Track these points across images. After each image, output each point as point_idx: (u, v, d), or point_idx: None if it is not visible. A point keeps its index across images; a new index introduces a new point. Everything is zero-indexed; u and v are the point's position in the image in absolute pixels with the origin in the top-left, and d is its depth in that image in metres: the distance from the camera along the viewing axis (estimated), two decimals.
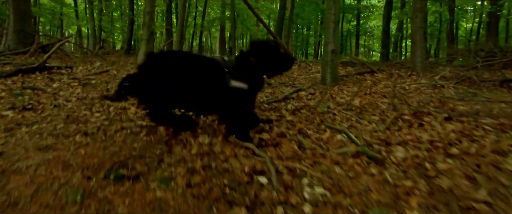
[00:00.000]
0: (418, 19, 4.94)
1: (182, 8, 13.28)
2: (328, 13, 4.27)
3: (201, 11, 23.33)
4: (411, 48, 5.31)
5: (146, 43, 7.01)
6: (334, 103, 2.86)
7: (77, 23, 21.18)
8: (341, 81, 4.48)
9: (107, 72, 4.92)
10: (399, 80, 4.47)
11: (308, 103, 2.93)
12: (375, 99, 3.00)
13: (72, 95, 2.98)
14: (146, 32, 6.98)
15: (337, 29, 4.32)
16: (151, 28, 6.96)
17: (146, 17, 6.93)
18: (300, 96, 3.36)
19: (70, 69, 4.95)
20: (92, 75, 4.49)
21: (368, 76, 4.96)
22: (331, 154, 1.62)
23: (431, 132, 1.87)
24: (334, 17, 4.24)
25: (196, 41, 26.87)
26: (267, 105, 2.84)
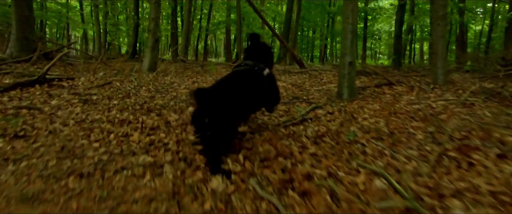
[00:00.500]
0: (440, 27, 4.62)
1: (187, 12, 13.09)
2: (345, 23, 3.98)
3: (206, 14, 23.14)
4: (431, 59, 4.99)
5: (151, 51, 6.79)
6: (358, 128, 2.56)
7: (82, 26, 21.09)
8: (359, 95, 4.17)
9: (110, 84, 4.68)
10: (421, 94, 4.15)
11: (330, 127, 2.64)
12: (403, 123, 2.69)
13: (70, 117, 2.73)
14: (151, 39, 6.76)
15: (355, 39, 4.03)
16: (156, 35, 6.74)
17: (151, 23, 6.71)
18: (318, 116, 3.07)
19: (71, 80, 4.72)
20: (94, 88, 4.25)
21: (386, 89, 4.65)
22: (373, 211, 1.33)
23: (487, 177, 1.57)
24: (352, 27, 3.94)
25: (201, 44, 26.71)
26: (284, 130, 2.56)
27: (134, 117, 2.77)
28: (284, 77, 6.78)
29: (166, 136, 2.35)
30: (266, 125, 2.67)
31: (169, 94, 4.24)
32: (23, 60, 6.85)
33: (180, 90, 4.63)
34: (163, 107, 3.30)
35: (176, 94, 4.24)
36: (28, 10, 7.08)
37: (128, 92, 4.07)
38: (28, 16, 7.06)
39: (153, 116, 2.90)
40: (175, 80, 5.88)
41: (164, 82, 5.44)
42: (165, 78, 6.04)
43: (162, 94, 4.20)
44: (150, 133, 2.40)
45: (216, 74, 6.92)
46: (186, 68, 8.19)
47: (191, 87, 5.10)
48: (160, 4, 6.65)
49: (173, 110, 3.21)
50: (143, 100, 3.50)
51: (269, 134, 2.40)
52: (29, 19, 7.10)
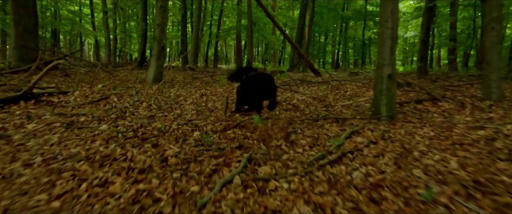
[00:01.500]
0: (495, 32, 3.85)
1: (197, 18, 12.61)
2: (384, 27, 3.28)
3: (217, 20, 22.76)
4: (483, 69, 4.22)
5: (156, 59, 6.22)
6: (423, 172, 1.85)
7: (93, 34, 20.99)
8: (399, 115, 3.45)
9: (107, 99, 4.10)
10: (478, 114, 3.39)
11: (382, 167, 1.94)
12: (482, 162, 1.97)
13: (40, 151, 2.12)
14: (157, 47, 6.20)
15: (395, 47, 3.32)
16: (162, 43, 6.17)
17: (157, 30, 6.16)
18: (359, 147, 2.37)
19: (63, 95, 4.17)
20: (86, 106, 3.67)
21: (430, 106, 3.90)
22: None
23: None
24: (392, 32, 3.24)
25: (212, 51, 26.32)
26: (320, 173, 1.87)
27: (122, 151, 2.14)
28: (302, 88, 6.09)
29: (160, 183, 1.70)
30: (295, 166, 1.99)
31: (173, 112, 3.62)
32: (22, 70, 6.41)
33: (186, 107, 4.01)
34: (163, 133, 2.67)
35: (180, 113, 3.62)
36: (29, 17, 6.65)
37: (124, 110, 3.47)
38: (28, 23, 6.63)
39: (148, 147, 2.26)
40: (182, 93, 5.27)
41: (169, 96, 4.83)
42: (170, 91, 5.44)
43: (164, 112, 3.58)
44: (138, 178, 1.76)
45: (226, 85, 6.29)
46: (194, 77, 7.60)
47: (199, 102, 4.48)
48: (166, 10, 6.11)
49: (175, 137, 2.57)
50: (139, 123, 2.88)
51: (300, 184, 1.72)
52: (29, 27, 6.67)
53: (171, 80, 7.19)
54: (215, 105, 4.26)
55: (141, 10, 12.91)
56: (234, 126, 3.03)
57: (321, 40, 31.08)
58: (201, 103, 4.40)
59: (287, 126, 3.02)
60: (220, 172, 1.90)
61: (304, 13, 14.91)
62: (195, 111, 3.78)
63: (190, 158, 2.09)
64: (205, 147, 2.36)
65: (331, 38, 31.02)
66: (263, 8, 10.29)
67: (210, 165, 1.99)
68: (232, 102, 4.33)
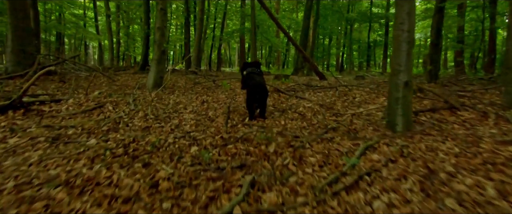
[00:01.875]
0: None
1: (199, 22, 12.42)
2: (399, 30, 3.01)
3: (220, 23, 22.59)
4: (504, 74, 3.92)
5: (156, 64, 6.00)
6: (458, 203, 1.57)
7: (96, 37, 20.93)
8: (417, 126, 3.16)
9: (101, 108, 3.87)
10: (504, 125, 3.09)
11: (407, 195, 1.66)
12: None
13: (15, 172, 1.88)
14: (157, 52, 5.98)
15: (412, 52, 3.04)
16: (163, 47, 5.95)
17: (157, 33, 5.94)
18: (376, 166, 2.09)
19: (56, 103, 3.95)
20: (78, 115, 3.44)
21: (447, 115, 3.60)
22: None
23: None
24: (409, 35, 2.97)
25: (215, 54, 26.17)
26: (334, 203, 1.60)
27: (108, 173, 1.89)
28: (309, 94, 5.81)
29: None
30: (304, 193, 1.72)
31: (170, 122, 3.37)
32: (19, 76, 6.23)
33: (185, 116, 3.76)
34: (157, 148, 2.41)
35: (179, 123, 3.37)
36: (26, 21, 6.48)
37: (118, 121, 3.23)
38: (26, 27, 6.46)
39: (137, 168, 2.01)
40: (182, 99, 5.03)
41: (168, 103, 4.59)
42: (170, 97, 5.20)
43: (161, 123, 3.33)
44: (121, 209, 1.50)
45: (229, 91, 6.04)
46: (196, 82, 7.37)
47: (199, 110, 4.23)
48: (166, 13, 5.89)
49: (169, 153, 2.32)
50: (132, 137, 2.63)
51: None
52: (27, 30, 6.50)
53: (172, 86, 6.96)
54: (216, 114, 4.01)
55: (144, 13, 12.77)
56: (236, 139, 2.77)
57: (325, 42, 30.78)
58: (202, 111, 4.15)
59: (294, 140, 2.75)
60: (218, 200, 1.64)
61: (308, 15, 14.66)
62: (195, 120, 3.53)
63: (185, 182, 1.83)
64: (203, 166, 2.10)
65: (335, 41, 30.72)
66: (266, 10, 10.06)
67: (207, 190, 1.72)
68: (234, 109, 4.08)
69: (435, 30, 8.22)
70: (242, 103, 4.85)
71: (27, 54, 6.53)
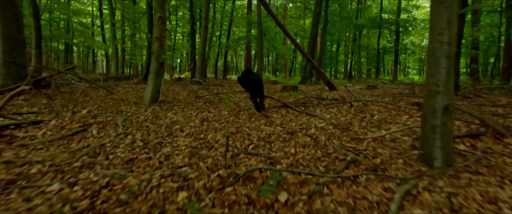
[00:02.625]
0: None
1: (204, 29, 12.03)
2: (436, 41, 2.47)
3: (226, 30, 22.29)
4: None
5: (154, 77, 5.54)
6: None
7: (101, 46, 20.82)
8: (459, 160, 2.58)
9: (85, 131, 3.39)
10: None
11: None
12: None
13: None
14: (155, 63, 5.53)
15: (453, 69, 2.49)
16: (161, 58, 5.50)
17: (155, 44, 5.50)
18: None
19: (35, 125, 3.49)
20: (56, 142, 2.96)
21: (492, 143, 3.00)
22: None
23: None
24: (449, 49, 2.42)
25: (221, 61, 25.84)
26: None
27: None
28: (320, 110, 5.25)
29: None
30: None
31: (161, 151, 2.86)
32: (8, 90, 5.84)
33: (179, 141, 3.25)
34: (134, 197, 1.90)
35: (170, 152, 2.86)
36: (18, 32, 6.12)
37: (98, 151, 2.73)
38: (18, 38, 6.09)
39: None
40: (179, 118, 4.54)
41: (164, 123, 4.10)
42: (167, 115, 4.72)
43: (150, 152, 2.82)
44: None
45: (232, 107, 5.53)
46: (198, 96, 6.88)
47: (197, 132, 3.73)
48: (165, 22, 5.45)
49: (149, 206, 1.80)
50: (108, 178, 2.12)
51: None
52: (19, 42, 6.13)
53: (171, 100, 6.50)
54: (216, 137, 3.49)
55: (147, 21, 12.44)
56: (236, 176, 2.25)
57: (333, 49, 30.23)
58: (200, 134, 3.64)
59: (308, 181, 2.21)
60: None
61: (317, 22, 14.17)
62: (190, 148, 3.01)
63: None
64: None
65: (343, 47, 30.14)
66: (273, 17, 9.60)
67: None
68: (237, 130, 3.58)
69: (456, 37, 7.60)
70: (247, 123, 4.34)
71: (18, 67, 6.16)
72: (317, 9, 13.99)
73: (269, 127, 4.16)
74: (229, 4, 20.75)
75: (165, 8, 5.40)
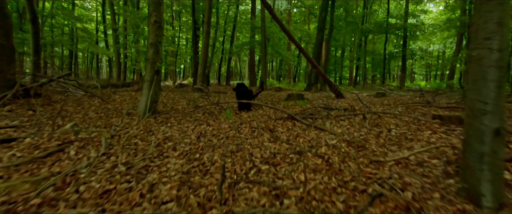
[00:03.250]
0: None
1: (206, 35, 11.65)
2: (483, 48, 1.99)
3: (230, 35, 21.98)
4: None
5: (149, 87, 5.11)
6: None
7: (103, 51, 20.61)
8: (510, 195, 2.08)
9: (62, 152, 2.95)
10: None
11: None
12: None
13: None
14: (150, 71, 5.11)
15: (504, 82, 2.01)
16: (157, 65, 5.07)
17: (150, 50, 5.09)
18: None
19: (7, 143, 3.06)
20: (23, 166, 2.52)
21: None
22: None
23: None
24: (499, 57, 1.94)
25: (225, 67, 25.48)
26: None
27: None
28: (330, 123, 4.76)
29: None
30: None
31: (145, 179, 2.40)
32: None
33: (169, 164, 2.79)
34: None
35: (157, 180, 2.40)
36: (5, 37, 5.75)
37: (68, 180, 2.28)
38: (5, 44, 5.72)
39: None
40: (174, 133, 4.08)
41: (156, 139, 3.65)
42: (161, 129, 4.27)
43: (131, 180, 2.37)
44: None
45: (234, 119, 5.07)
46: (197, 106, 6.43)
47: (192, 151, 3.26)
48: (161, 26, 5.04)
49: None
50: None
51: None
52: (6, 48, 5.76)
53: (169, 110, 6.06)
54: (213, 158, 3.03)
55: (147, 26, 12.12)
56: None
57: (337, 54, 29.77)
58: (195, 153, 3.18)
59: None
60: None
61: (322, 27, 13.73)
62: (181, 174, 2.55)
63: None
64: None
65: (348, 53, 29.67)
66: (278, 22, 9.18)
67: None
68: (238, 148, 3.12)
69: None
70: (249, 139, 3.87)
71: (5, 75, 5.78)
72: (323, 13, 13.56)
73: (274, 143, 3.68)
74: (232, 9, 20.45)
75: (161, 12, 5.00)
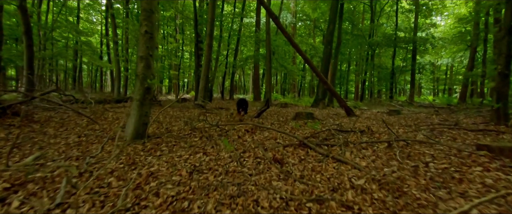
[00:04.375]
0: None
1: (208, 48, 11.06)
2: None
3: (234, 49, 21.52)
4: None
5: (138, 107, 4.42)
6: None
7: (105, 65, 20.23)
8: None
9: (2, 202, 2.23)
10: None
11: None
12: None
13: None
14: (140, 89, 4.43)
15: None
16: (147, 82, 4.40)
17: (140, 65, 4.43)
18: None
19: None
20: None
21: None
22: None
23: None
24: None
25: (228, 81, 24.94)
26: None
27: None
28: (350, 153, 3.99)
29: None
30: None
31: None
32: None
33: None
34: None
35: None
36: None
37: None
38: None
39: None
40: (162, 166, 3.34)
41: (136, 177, 2.91)
42: (147, 160, 3.54)
43: None
44: None
45: (235, 146, 4.30)
46: (194, 128, 5.69)
47: (180, 195, 2.51)
48: (153, 38, 4.40)
49: None
50: None
51: None
52: None
53: (162, 132, 5.34)
54: (206, 207, 2.28)
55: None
56: None
57: (343, 68, 29.14)
58: (183, 200, 2.44)
59: None
60: None
61: (330, 40, 13.13)
62: None
63: None
64: None
65: (354, 66, 29.05)
66: (285, 34, 8.56)
67: None
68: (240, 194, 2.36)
69: (504, 56, 6.37)
70: (253, 175, 3.11)
71: None
72: (331, 26, 12.99)
73: (285, 181, 2.93)
74: (237, 22, 20.06)
75: (153, 21, 4.36)
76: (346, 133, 5.57)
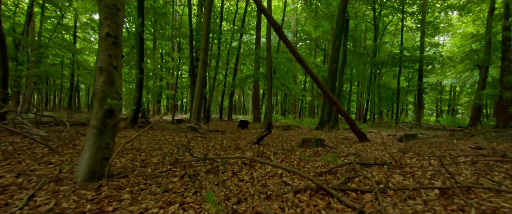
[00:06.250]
0: None
1: (202, 64, 10.03)
2: None
3: (233, 68, 20.65)
4: None
5: (97, 135, 3.27)
6: None
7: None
8: None
9: None
10: None
11: None
12: None
13: None
14: (97, 112, 3.32)
15: None
16: (107, 103, 3.26)
17: (98, 79, 3.34)
18: None
19: None
20: None
21: None
22: None
23: None
24: None
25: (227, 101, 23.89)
26: None
27: None
28: (392, 206, 2.77)
29: None
30: None
31: None
32: None
33: None
34: None
35: None
36: None
37: None
38: None
39: None
40: None
41: None
42: None
43: None
44: None
45: (223, 205, 3.06)
46: (176, 161, 4.46)
47: None
48: (118, 44, 3.31)
49: None
50: None
51: None
52: None
53: (134, 166, 4.13)
54: None
55: (137, 55, 10.63)
56: None
57: (345, 88, 28.21)
58: None
59: None
60: None
61: (336, 57, 12.18)
62: None
63: None
64: None
65: (356, 86, 28.14)
66: (290, 48, 7.56)
67: None
68: None
69: None
70: None
71: None
72: (336, 42, 12.10)
73: None
74: (236, 38, 19.29)
75: (119, 22, 3.29)
76: (369, 166, 4.39)
